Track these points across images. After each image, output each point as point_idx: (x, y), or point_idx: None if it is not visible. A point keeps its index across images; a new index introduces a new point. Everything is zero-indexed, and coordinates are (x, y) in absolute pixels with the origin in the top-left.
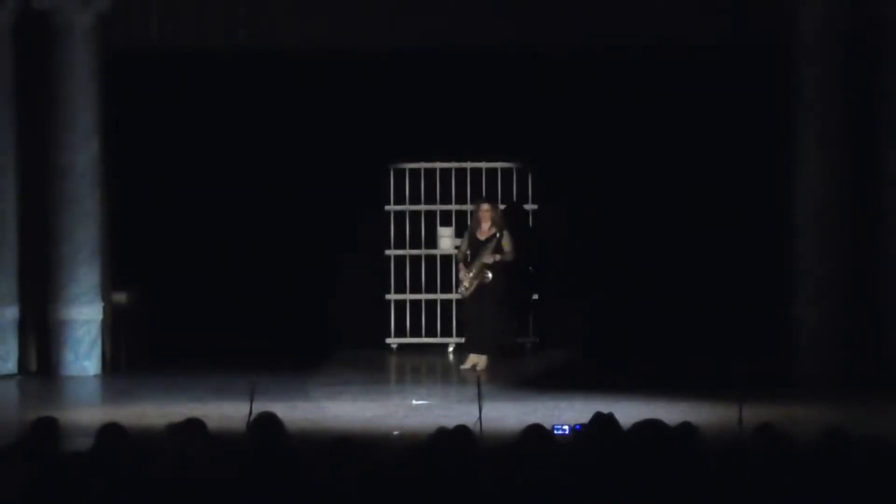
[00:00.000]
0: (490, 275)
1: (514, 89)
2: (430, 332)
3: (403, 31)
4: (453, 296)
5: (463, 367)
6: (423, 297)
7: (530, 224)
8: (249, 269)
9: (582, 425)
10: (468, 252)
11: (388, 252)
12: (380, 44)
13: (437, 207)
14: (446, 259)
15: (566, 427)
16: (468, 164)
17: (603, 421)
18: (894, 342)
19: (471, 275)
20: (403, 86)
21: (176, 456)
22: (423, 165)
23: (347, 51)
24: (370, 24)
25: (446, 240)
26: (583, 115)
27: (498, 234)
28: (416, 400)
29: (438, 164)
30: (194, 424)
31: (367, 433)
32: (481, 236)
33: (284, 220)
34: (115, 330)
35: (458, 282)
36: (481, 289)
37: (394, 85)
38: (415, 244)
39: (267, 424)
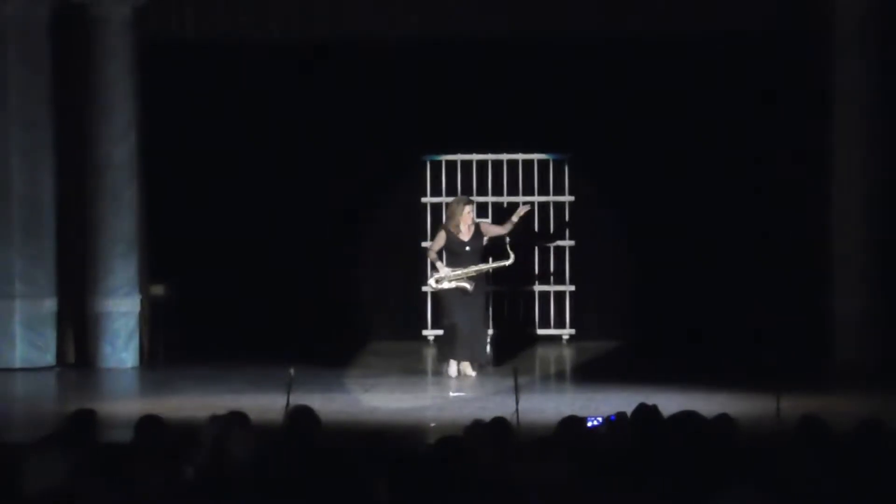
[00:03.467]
0: (470, 286)
1: (552, 80)
2: None
3: (441, 20)
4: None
5: (452, 375)
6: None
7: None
8: (286, 260)
9: (616, 416)
10: (442, 251)
11: (424, 244)
12: (417, 34)
13: (474, 199)
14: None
15: (599, 419)
16: (504, 156)
17: (646, 412)
18: None
19: (455, 273)
20: (439, 77)
21: (217, 447)
22: (459, 157)
23: (384, 41)
24: (407, 14)
25: None
26: (620, 104)
27: (508, 240)
28: (453, 392)
29: (475, 156)
30: (237, 417)
31: (403, 425)
32: (464, 237)
33: (321, 212)
34: (153, 322)
35: (438, 277)
36: (467, 295)
37: (430, 76)
38: None
39: (303, 417)
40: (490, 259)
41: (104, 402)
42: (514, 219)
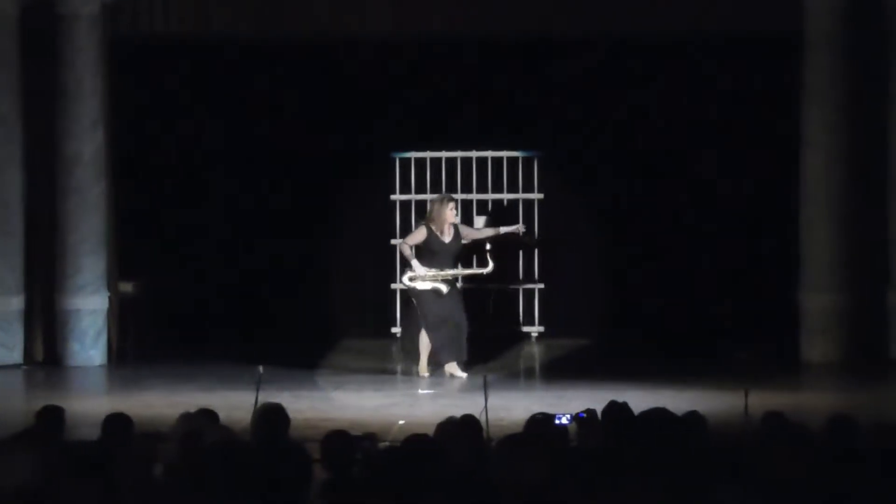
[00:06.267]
0: (445, 289)
1: (521, 78)
2: None
3: (409, 18)
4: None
5: (424, 374)
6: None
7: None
8: (255, 257)
9: (585, 413)
10: (417, 246)
11: (393, 241)
12: (386, 32)
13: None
14: None
15: (568, 416)
16: (474, 154)
17: (617, 409)
18: None
19: (430, 274)
20: (410, 74)
21: (187, 445)
22: (428, 155)
23: (353, 39)
24: (375, 13)
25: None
26: (589, 103)
27: (489, 247)
28: (422, 389)
29: (444, 154)
30: (206, 414)
31: (373, 423)
32: (444, 238)
33: (290, 209)
34: (122, 320)
35: (412, 275)
36: (442, 296)
37: (400, 73)
38: None
39: (272, 415)
40: (472, 264)
41: (72, 399)
42: (503, 230)
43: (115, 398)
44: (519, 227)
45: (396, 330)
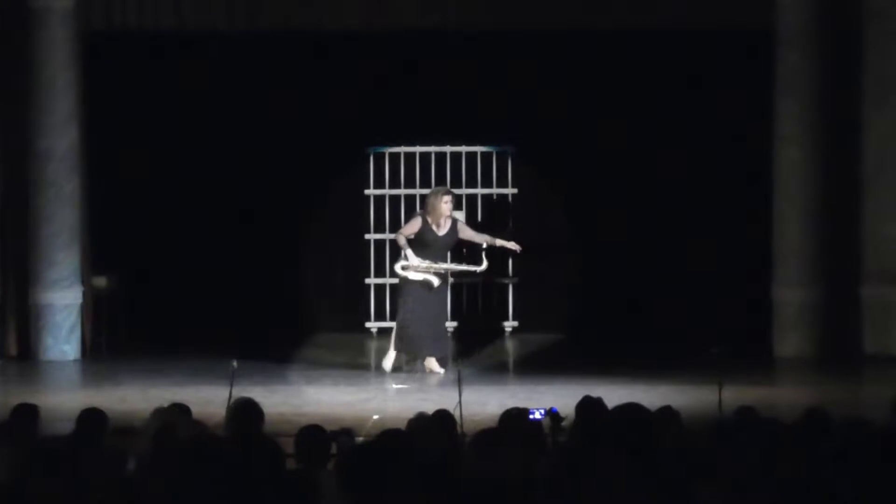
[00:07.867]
0: (437, 283)
1: (495, 72)
2: None
3: (383, 12)
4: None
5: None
6: None
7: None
8: (229, 252)
9: (557, 408)
10: (411, 238)
11: (367, 236)
12: (359, 26)
13: (417, 192)
14: None
15: (541, 411)
16: (448, 149)
17: (591, 404)
18: (874, 323)
19: (424, 265)
20: (384, 68)
21: (160, 440)
22: (403, 149)
23: (327, 33)
24: (350, 7)
25: None
26: (563, 98)
27: (484, 246)
28: (396, 384)
29: (418, 149)
30: (179, 409)
31: (346, 418)
32: (438, 231)
33: (264, 204)
34: (96, 314)
35: (404, 264)
36: (431, 290)
37: (374, 68)
38: (395, 228)
39: (246, 409)
40: (466, 261)
41: (46, 394)
42: (499, 243)
43: (88, 393)
44: (515, 246)
45: (370, 325)
